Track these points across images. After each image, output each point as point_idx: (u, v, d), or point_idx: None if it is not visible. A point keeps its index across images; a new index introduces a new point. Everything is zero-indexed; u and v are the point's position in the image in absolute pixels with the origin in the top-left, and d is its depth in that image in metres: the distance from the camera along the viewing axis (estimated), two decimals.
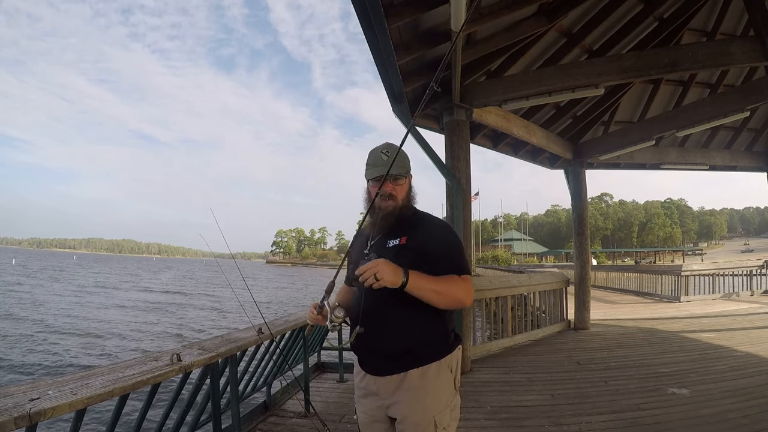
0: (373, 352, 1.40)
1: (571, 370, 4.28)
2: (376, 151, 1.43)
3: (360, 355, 1.47)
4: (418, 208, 1.51)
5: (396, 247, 1.38)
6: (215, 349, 2.32)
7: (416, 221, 1.44)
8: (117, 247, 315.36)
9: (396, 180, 1.42)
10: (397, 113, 4.38)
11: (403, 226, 1.41)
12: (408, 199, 1.45)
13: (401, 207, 1.42)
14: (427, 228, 1.41)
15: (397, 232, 1.40)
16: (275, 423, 3.15)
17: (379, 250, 1.39)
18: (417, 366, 1.34)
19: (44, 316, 15.62)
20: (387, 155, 1.39)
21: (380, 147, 1.43)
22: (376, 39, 3.23)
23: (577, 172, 6.78)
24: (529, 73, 4.65)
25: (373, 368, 1.40)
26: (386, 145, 1.44)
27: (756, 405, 3.12)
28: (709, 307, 8.70)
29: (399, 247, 1.37)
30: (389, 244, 1.39)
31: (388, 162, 1.37)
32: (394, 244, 1.38)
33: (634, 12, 4.78)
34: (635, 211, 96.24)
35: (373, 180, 1.43)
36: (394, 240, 1.39)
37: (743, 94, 5.04)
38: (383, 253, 1.35)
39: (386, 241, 1.40)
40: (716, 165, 7.17)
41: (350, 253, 1.57)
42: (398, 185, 1.42)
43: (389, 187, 1.40)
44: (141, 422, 2.07)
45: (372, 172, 1.41)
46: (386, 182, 1.39)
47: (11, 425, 1.27)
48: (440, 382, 1.35)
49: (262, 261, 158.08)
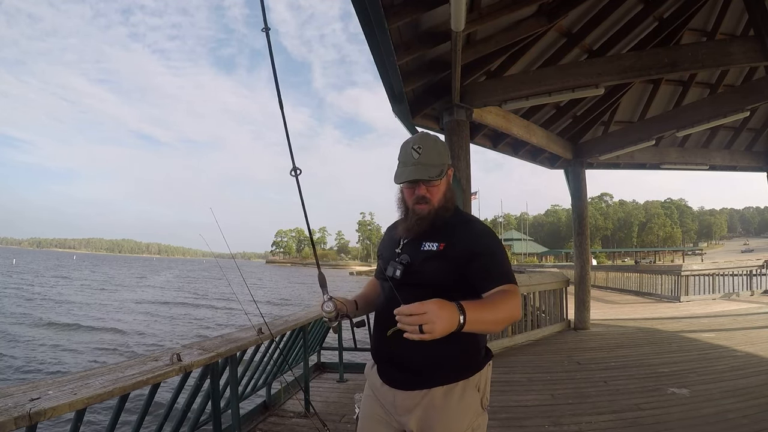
0: (395, 363, 1.26)
1: (571, 370, 4.28)
2: (408, 147, 1.25)
3: (379, 363, 1.33)
4: None
5: (432, 253, 1.23)
6: (215, 349, 2.32)
7: (457, 224, 1.27)
8: (117, 247, 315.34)
9: (430, 181, 1.24)
10: (397, 113, 4.38)
11: (441, 229, 1.26)
12: (445, 200, 1.29)
13: (437, 209, 1.26)
14: (471, 233, 1.24)
15: (435, 234, 1.25)
16: (275, 423, 3.15)
17: (413, 252, 1.25)
18: (442, 384, 1.20)
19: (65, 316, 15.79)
20: (419, 152, 1.22)
21: (412, 140, 1.25)
22: (376, 39, 3.23)
23: (577, 172, 6.79)
24: (529, 73, 4.65)
25: (392, 379, 1.26)
26: (419, 138, 1.25)
27: (756, 405, 3.12)
28: (709, 307, 8.69)
29: (436, 254, 1.22)
30: (424, 247, 1.24)
31: (420, 161, 1.22)
32: (429, 249, 1.23)
33: (634, 12, 4.78)
34: (635, 211, 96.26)
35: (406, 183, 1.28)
36: (430, 243, 1.23)
37: (743, 94, 5.03)
38: (416, 256, 1.23)
39: (421, 243, 1.25)
40: (716, 165, 7.17)
41: (380, 248, 1.44)
42: (433, 186, 1.26)
43: (422, 189, 1.25)
44: (141, 422, 2.07)
45: (402, 174, 1.24)
46: (420, 184, 1.25)
47: (11, 425, 1.27)
48: (465, 402, 1.21)
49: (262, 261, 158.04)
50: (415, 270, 1.22)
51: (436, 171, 1.23)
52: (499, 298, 1.10)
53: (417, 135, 1.28)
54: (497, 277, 1.16)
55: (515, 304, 1.11)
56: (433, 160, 1.23)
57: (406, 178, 1.23)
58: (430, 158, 1.23)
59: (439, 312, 0.94)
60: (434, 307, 0.94)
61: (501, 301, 1.09)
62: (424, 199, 1.25)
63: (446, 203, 1.28)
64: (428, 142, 1.25)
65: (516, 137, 5.60)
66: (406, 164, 1.24)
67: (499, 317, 1.08)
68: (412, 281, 1.22)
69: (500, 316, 1.08)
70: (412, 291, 1.13)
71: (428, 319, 0.93)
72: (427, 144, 1.24)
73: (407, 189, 1.28)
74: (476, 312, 1.01)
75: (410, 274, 1.22)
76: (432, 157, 1.23)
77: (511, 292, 1.13)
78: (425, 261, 1.22)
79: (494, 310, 1.07)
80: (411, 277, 1.22)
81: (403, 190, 1.31)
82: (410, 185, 1.26)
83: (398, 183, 1.28)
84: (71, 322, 14.35)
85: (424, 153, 1.22)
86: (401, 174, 1.25)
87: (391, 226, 1.47)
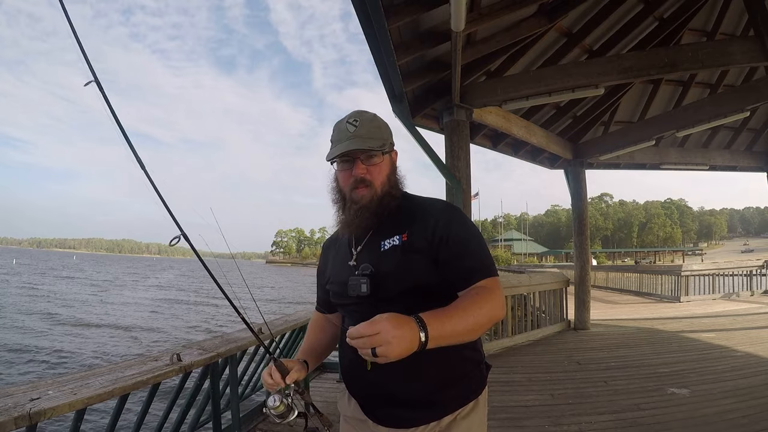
0: (387, 397, 1.02)
1: (571, 370, 4.28)
2: (341, 123, 1.05)
3: (361, 399, 1.09)
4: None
5: (396, 249, 1.00)
6: (215, 349, 2.32)
7: (412, 208, 1.06)
8: (117, 247, 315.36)
9: (370, 158, 1.02)
10: (397, 113, 4.38)
11: (396, 218, 1.04)
12: (390, 183, 1.06)
13: (381, 196, 1.03)
14: (432, 214, 1.02)
15: (392, 227, 1.03)
16: (275, 423, 3.14)
17: (371, 257, 1.02)
18: (454, 410, 1.01)
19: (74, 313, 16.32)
20: (356, 125, 1.03)
21: (346, 117, 1.06)
22: (376, 39, 3.23)
23: (577, 172, 6.79)
24: (529, 73, 4.65)
25: (388, 417, 1.03)
26: (355, 113, 1.06)
27: (756, 405, 3.12)
28: (709, 307, 8.69)
29: (402, 248, 0.99)
30: (384, 246, 1.01)
31: (357, 134, 1.01)
32: (391, 245, 1.01)
33: (634, 12, 4.78)
34: (635, 211, 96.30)
35: (340, 162, 1.06)
36: (390, 239, 1.01)
37: (743, 94, 5.04)
38: (380, 261, 1.00)
39: (379, 243, 1.02)
40: (716, 165, 7.17)
41: (324, 271, 1.19)
42: (373, 165, 1.03)
43: (361, 168, 1.02)
44: (141, 422, 2.07)
45: (335, 149, 1.02)
46: (357, 163, 1.02)
47: (11, 425, 1.27)
48: (477, 423, 1.04)
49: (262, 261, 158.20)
50: (385, 277, 0.98)
51: (377, 143, 1.02)
52: (472, 300, 0.90)
53: (353, 111, 1.08)
54: (472, 272, 0.96)
55: (496, 303, 0.92)
56: (373, 134, 1.03)
57: (340, 151, 1.01)
58: (369, 131, 1.03)
59: (393, 331, 0.76)
60: (387, 325, 0.76)
61: (475, 303, 0.89)
62: (364, 182, 1.02)
63: (391, 189, 1.06)
64: (366, 115, 1.06)
65: (516, 137, 5.60)
66: (341, 140, 1.03)
67: (474, 323, 0.87)
68: (387, 294, 0.97)
69: (475, 321, 0.87)
70: (389, 307, 0.84)
71: (381, 340, 0.75)
72: (365, 117, 1.05)
73: (342, 172, 1.06)
74: (441, 324, 0.82)
75: (381, 285, 0.98)
76: (371, 131, 1.03)
77: (490, 289, 0.94)
78: (392, 261, 0.98)
79: (465, 316, 0.86)
80: (384, 289, 0.98)
81: (337, 175, 1.09)
82: (345, 165, 1.04)
83: (329, 159, 1.05)
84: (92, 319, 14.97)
85: (362, 126, 1.03)
86: (335, 150, 1.03)
87: (329, 241, 1.23)
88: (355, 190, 1.03)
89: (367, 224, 1.03)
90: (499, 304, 0.93)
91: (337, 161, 1.06)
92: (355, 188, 1.03)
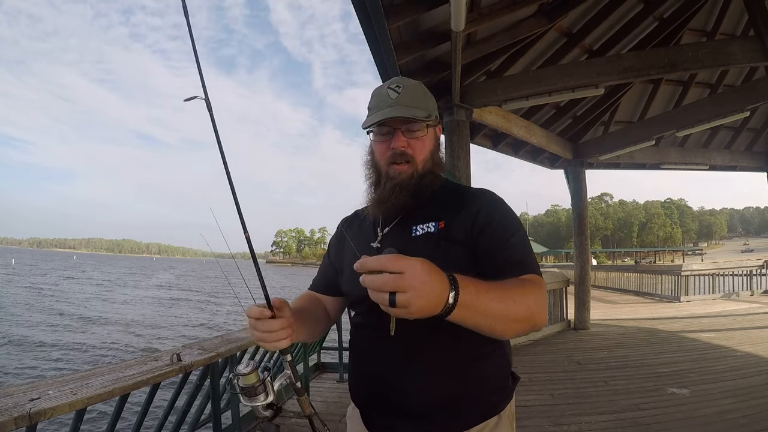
0: (400, 409, 0.86)
1: (571, 370, 4.28)
2: (382, 88, 0.93)
3: (371, 411, 0.93)
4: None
5: (431, 236, 0.86)
6: (215, 349, 2.32)
7: (452, 194, 0.93)
8: (117, 247, 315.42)
9: (412, 130, 0.90)
10: None
11: (434, 203, 0.91)
12: (433, 160, 0.94)
13: (422, 173, 0.91)
14: (475, 202, 0.89)
15: (427, 211, 0.90)
16: (275, 423, 3.14)
17: (400, 242, 0.88)
18: (473, 425, 0.86)
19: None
20: (398, 92, 0.89)
21: (388, 81, 0.94)
22: (376, 39, 3.23)
23: (577, 172, 6.79)
24: (529, 73, 4.65)
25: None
26: (398, 79, 0.93)
27: (756, 405, 3.12)
28: (709, 307, 8.70)
29: (437, 236, 0.86)
30: (416, 232, 0.88)
31: (400, 101, 0.88)
32: (425, 232, 0.87)
33: (634, 12, 4.78)
34: (635, 211, 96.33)
35: (377, 132, 0.92)
36: (423, 225, 0.88)
37: (743, 94, 5.04)
38: (408, 246, 0.83)
39: (410, 227, 0.89)
40: (716, 165, 7.17)
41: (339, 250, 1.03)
42: (415, 138, 0.90)
43: (401, 140, 0.89)
44: (141, 422, 2.07)
45: (373, 116, 0.89)
46: (397, 134, 0.89)
47: (11, 425, 1.27)
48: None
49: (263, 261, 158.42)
50: None
51: (422, 112, 0.89)
52: (517, 286, 0.74)
53: (396, 77, 0.96)
54: (515, 264, 0.81)
55: (540, 302, 0.75)
56: (418, 102, 0.91)
57: (379, 118, 0.87)
58: (413, 99, 0.90)
59: (423, 275, 0.59)
60: (417, 266, 0.60)
61: (520, 291, 0.73)
62: (404, 156, 0.90)
63: (434, 167, 0.94)
64: (411, 81, 0.93)
65: (516, 137, 5.61)
66: (380, 107, 0.90)
67: (512, 312, 0.70)
68: None
69: (514, 311, 0.70)
70: None
71: (405, 284, 0.58)
72: (410, 83, 0.93)
73: (379, 143, 0.92)
74: (476, 293, 0.65)
75: None
76: (416, 98, 0.91)
77: (536, 284, 0.78)
78: (423, 250, 0.82)
79: (505, 298, 0.69)
80: None
81: (373, 147, 0.95)
82: (383, 136, 0.91)
83: (365, 127, 0.92)
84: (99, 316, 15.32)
85: (406, 92, 0.90)
86: (373, 117, 0.90)
87: (351, 217, 1.07)
88: (393, 165, 0.90)
89: (401, 204, 0.89)
90: (542, 304, 0.76)
91: (374, 131, 0.92)
92: (392, 162, 0.90)
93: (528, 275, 0.79)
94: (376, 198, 0.92)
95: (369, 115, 0.92)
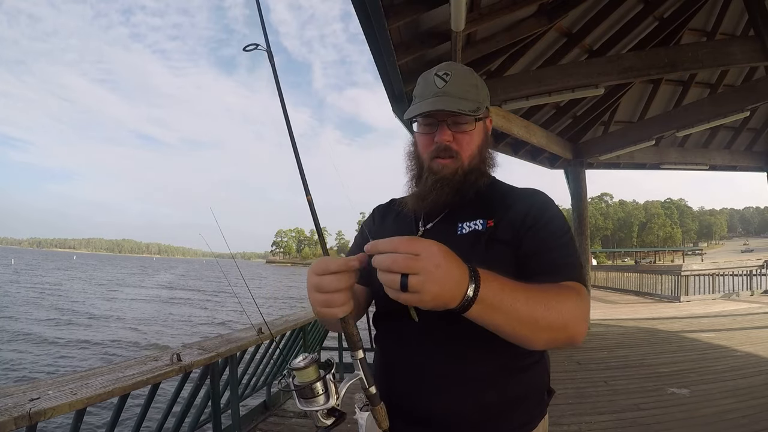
0: (428, 421, 0.79)
1: (571, 370, 4.28)
2: (429, 75, 0.86)
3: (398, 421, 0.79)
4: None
5: (478, 236, 0.80)
6: (215, 349, 2.32)
7: (501, 192, 0.88)
8: (117, 247, 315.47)
9: (458, 123, 0.84)
10: (397, 113, 4.37)
11: (482, 200, 0.85)
12: (481, 156, 0.88)
13: (468, 170, 0.85)
14: (524, 201, 0.83)
15: (475, 208, 0.84)
16: (275, 423, 3.15)
17: (444, 240, 0.64)
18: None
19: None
20: (446, 80, 0.83)
21: (436, 68, 0.87)
22: (376, 39, 3.23)
23: (577, 172, 6.79)
24: (529, 73, 4.65)
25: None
26: (447, 65, 0.87)
27: (756, 405, 3.12)
28: (709, 307, 8.70)
29: (485, 236, 0.80)
30: (462, 230, 0.82)
31: (448, 91, 0.82)
32: (472, 230, 0.81)
33: (634, 12, 4.78)
34: (635, 211, 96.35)
35: (421, 122, 0.87)
36: (470, 222, 0.82)
37: (743, 94, 5.04)
38: (454, 246, 0.64)
39: (456, 225, 0.83)
40: (716, 165, 7.17)
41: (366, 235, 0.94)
42: (462, 132, 0.84)
43: (446, 134, 0.83)
44: (141, 422, 2.07)
45: (418, 106, 0.84)
46: (442, 127, 0.83)
47: (11, 425, 1.27)
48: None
49: (262, 261, 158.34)
50: None
51: (470, 105, 0.82)
52: (553, 290, 0.67)
53: (444, 63, 0.89)
54: (559, 266, 0.75)
55: (579, 311, 0.67)
56: (467, 92, 0.84)
57: (423, 110, 0.82)
58: (462, 89, 0.83)
59: (439, 258, 0.55)
60: (434, 249, 0.56)
61: (555, 296, 0.66)
62: (448, 151, 0.84)
63: (481, 163, 0.88)
64: (460, 69, 0.86)
65: (516, 137, 5.60)
66: (425, 96, 0.84)
67: (543, 317, 0.63)
68: None
69: (544, 316, 0.63)
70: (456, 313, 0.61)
71: (420, 266, 0.54)
72: (459, 71, 0.85)
73: (423, 135, 0.87)
74: (500, 289, 0.60)
75: None
76: (465, 89, 0.84)
77: (578, 292, 0.70)
78: (470, 249, 0.77)
79: (535, 301, 0.63)
80: None
81: (416, 139, 0.90)
82: (427, 127, 0.86)
83: (409, 117, 0.87)
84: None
85: (454, 81, 0.83)
86: (417, 107, 0.84)
87: (387, 205, 1.02)
88: (436, 159, 0.84)
89: (444, 200, 0.83)
90: (581, 315, 0.68)
91: (418, 121, 0.87)
92: (436, 157, 0.84)
93: (574, 282, 0.72)
94: (417, 193, 0.87)
95: (414, 102, 0.87)
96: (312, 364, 0.65)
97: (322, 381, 0.65)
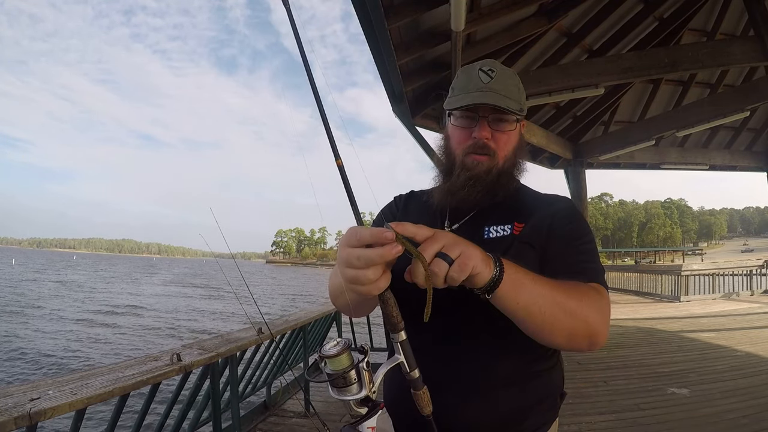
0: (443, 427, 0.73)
1: (571, 370, 4.28)
2: (473, 69, 0.84)
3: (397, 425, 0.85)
4: None
5: (505, 241, 0.80)
6: (215, 349, 2.32)
7: (529, 198, 0.88)
8: (117, 246, 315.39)
9: (500, 121, 0.83)
10: (397, 113, 4.38)
11: (510, 204, 0.84)
12: (515, 158, 0.87)
13: (502, 171, 0.83)
14: (551, 207, 0.83)
15: (502, 213, 0.83)
16: (275, 423, 3.15)
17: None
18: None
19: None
20: (491, 76, 0.81)
21: (478, 63, 0.85)
22: (376, 39, 3.23)
23: (577, 172, 6.79)
24: (529, 73, 4.65)
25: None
26: (490, 62, 0.85)
27: (756, 405, 3.12)
28: (709, 307, 8.70)
29: (512, 241, 0.79)
30: (489, 234, 0.81)
31: (493, 87, 0.80)
32: (499, 235, 0.81)
33: (634, 12, 4.78)
34: (635, 211, 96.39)
35: (460, 116, 0.85)
36: (498, 226, 0.81)
37: (743, 94, 5.04)
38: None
39: (483, 228, 0.82)
40: (716, 165, 7.17)
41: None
42: (501, 131, 0.83)
43: (486, 130, 0.82)
44: (141, 422, 2.07)
45: (460, 98, 0.82)
46: (482, 123, 0.82)
47: (11, 425, 1.27)
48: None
49: (262, 261, 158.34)
50: None
51: (514, 105, 0.81)
52: (575, 288, 0.69)
53: (486, 59, 0.88)
54: (581, 269, 0.75)
55: (600, 312, 0.68)
56: (511, 92, 0.82)
57: (468, 102, 0.80)
58: (506, 88, 0.82)
59: (460, 240, 0.57)
60: (451, 234, 0.58)
61: (576, 294, 0.67)
62: (486, 148, 0.82)
63: (514, 166, 0.87)
64: (504, 67, 0.85)
65: None
66: (468, 90, 0.82)
67: (563, 312, 0.64)
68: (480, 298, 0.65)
69: (565, 312, 0.64)
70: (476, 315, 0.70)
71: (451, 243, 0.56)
72: (503, 70, 0.84)
73: (459, 129, 0.85)
74: (522, 279, 0.62)
75: None
76: (509, 88, 0.82)
77: (599, 293, 0.71)
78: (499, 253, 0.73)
79: (557, 295, 0.64)
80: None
81: (450, 132, 0.88)
82: (466, 121, 0.84)
83: (451, 108, 0.84)
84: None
85: (499, 79, 0.82)
86: (459, 99, 0.82)
87: (405, 198, 0.99)
88: (472, 155, 0.82)
89: (474, 199, 0.81)
90: (602, 317, 0.68)
91: (456, 114, 0.85)
92: (471, 152, 0.82)
93: (596, 284, 0.73)
94: (447, 188, 0.84)
95: (453, 95, 0.85)
96: (345, 351, 0.61)
97: (355, 369, 0.61)
